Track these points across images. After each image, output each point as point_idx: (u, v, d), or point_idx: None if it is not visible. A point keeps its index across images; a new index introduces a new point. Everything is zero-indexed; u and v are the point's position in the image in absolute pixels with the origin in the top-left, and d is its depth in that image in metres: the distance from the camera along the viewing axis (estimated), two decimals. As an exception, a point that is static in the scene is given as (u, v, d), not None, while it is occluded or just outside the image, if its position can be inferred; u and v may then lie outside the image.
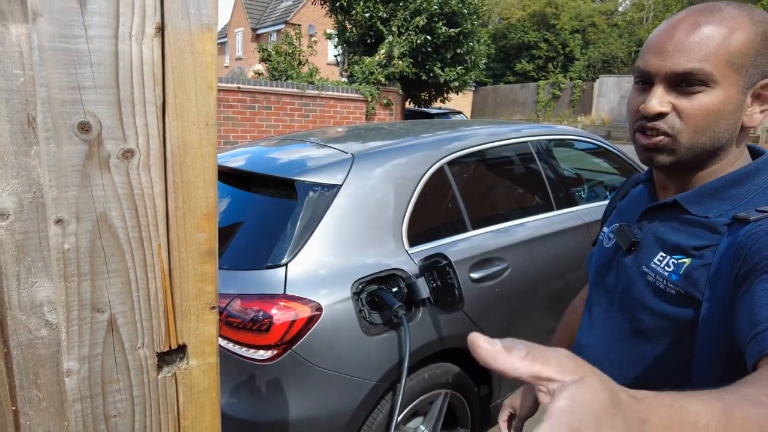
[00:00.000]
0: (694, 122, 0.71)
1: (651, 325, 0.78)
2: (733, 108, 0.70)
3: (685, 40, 0.70)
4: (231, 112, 6.70)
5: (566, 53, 24.30)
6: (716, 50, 0.68)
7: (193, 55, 0.45)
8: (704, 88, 0.70)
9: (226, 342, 1.57)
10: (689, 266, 0.73)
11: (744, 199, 0.72)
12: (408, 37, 8.28)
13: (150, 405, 0.50)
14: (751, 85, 0.70)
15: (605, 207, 1.08)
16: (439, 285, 1.64)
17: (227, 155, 2.22)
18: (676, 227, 0.77)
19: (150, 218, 0.46)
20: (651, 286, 0.78)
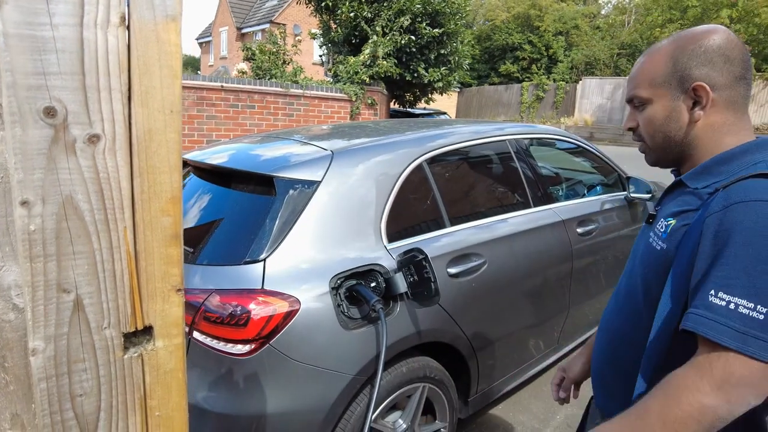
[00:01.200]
0: (646, 130, 0.97)
1: (642, 275, 0.97)
2: (668, 113, 0.93)
3: (630, 76, 1.00)
4: (214, 111, 6.67)
5: (550, 55, 24.58)
6: (642, 76, 0.95)
7: (159, 45, 0.47)
8: (646, 105, 0.96)
9: (204, 336, 1.58)
10: (674, 226, 0.90)
11: (731, 173, 0.86)
12: (392, 37, 8.31)
13: (116, 385, 0.51)
14: (683, 93, 0.91)
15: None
16: (416, 279, 1.67)
17: (208, 152, 2.22)
18: (677, 198, 0.95)
19: (116, 201, 0.47)
20: (648, 246, 0.96)
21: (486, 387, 2.23)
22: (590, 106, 20.54)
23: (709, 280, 0.76)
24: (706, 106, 0.89)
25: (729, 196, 0.79)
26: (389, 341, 1.67)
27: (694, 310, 0.77)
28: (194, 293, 1.62)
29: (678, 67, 0.90)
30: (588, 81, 20.90)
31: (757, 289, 0.72)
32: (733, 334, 0.72)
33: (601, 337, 1.11)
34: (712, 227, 0.79)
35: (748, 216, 0.75)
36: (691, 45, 0.89)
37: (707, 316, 0.74)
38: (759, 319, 0.72)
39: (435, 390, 1.95)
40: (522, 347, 2.40)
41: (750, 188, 0.78)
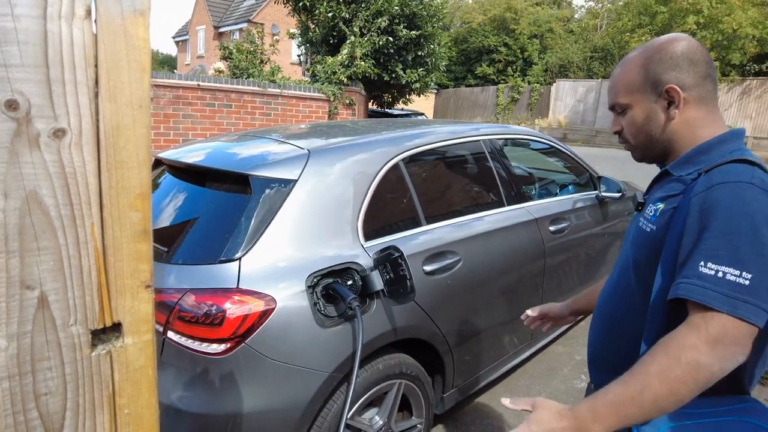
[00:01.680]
0: (630, 132, 1.08)
1: (634, 256, 1.05)
2: (646, 115, 1.04)
3: (609, 85, 1.11)
4: (190, 110, 6.57)
5: (525, 57, 24.91)
6: (620, 86, 1.07)
7: (126, 39, 0.46)
8: (627, 110, 1.07)
9: (179, 336, 1.56)
10: (662, 210, 0.99)
11: (710, 161, 0.96)
12: (370, 38, 8.32)
13: (83, 383, 0.50)
14: (657, 95, 1.01)
15: None
16: (392, 277, 1.68)
17: (183, 150, 2.20)
18: (664, 186, 1.04)
19: (83, 197, 0.47)
20: (639, 229, 1.05)
21: (462, 382, 2.26)
22: (564, 108, 20.90)
23: (697, 252, 0.84)
24: (679, 105, 0.99)
25: (711, 178, 0.89)
26: (365, 339, 1.68)
27: (685, 279, 0.84)
28: (169, 293, 1.60)
29: (650, 74, 1.01)
30: (562, 83, 21.26)
31: (741, 259, 0.80)
32: (724, 299, 0.79)
33: (598, 322, 1.17)
34: (696, 206, 0.88)
35: (729, 194, 0.85)
36: (657, 54, 1.00)
37: (698, 284, 0.82)
38: (745, 285, 0.79)
39: (411, 386, 1.96)
40: (497, 343, 2.44)
41: (729, 171, 0.88)
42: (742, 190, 0.85)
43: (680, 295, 0.83)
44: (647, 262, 0.99)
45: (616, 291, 1.12)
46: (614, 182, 3.10)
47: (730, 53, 15.58)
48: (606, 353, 1.13)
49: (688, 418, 0.85)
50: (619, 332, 1.08)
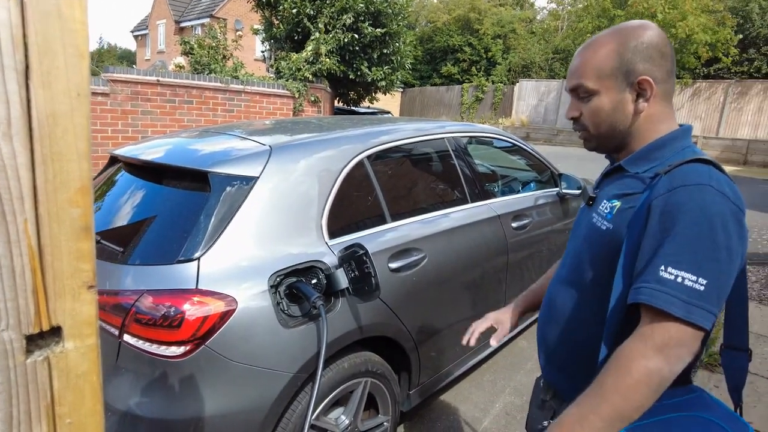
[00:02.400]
0: (591, 120, 1.02)
1: (588, 254, 1.04)
2: (614, 105, 0.99)
3: (573, 67, 1.03)
4: (150, 106, 6.36)
5: (489, 57, 25.28)
6: (590, 69, 0.99)
7: (61, 21, 0.43)
8: (592, 96, 1.00)
9: (136, 339, 1.50)
10: (619, 208, 0.98)
11: (665, 158, 0.97)
12: (335, 35, 8.26)
13: (17, 392, 0.47)
14: (628, 84, 0.97)
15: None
16: (357, 275, 1.66)
17: (141, 147, 2.12)
18: (618, 182, 1.03)
19: (14, 191, 0.44)
20: (592, 225, 1.03)
21: (427, 379, 2.27)
22: (526, 108, 21.34)
23: (659, 256, 0.84)
24: (650, 98, 0.97)
25: (672, 180, 0.88)
26: (330, 338, 1.66)
27: (645, 284, 0.84)
28: (125, 294, 1.54)
29: (624, 62, 0.96)
30: (524, 83, 21.69)
31: (699, 264, 0.81)
32: (681, 304, 0.80)
33: (549, 319, 1.15)
34: (658, 209, 0.87)
35: (689, 198, 0.84)
36: (632, 41, 0.96)
37: (660, 290, 0.82)
38: (700, 290, 0.81)
39: (377, 384, 1.96)
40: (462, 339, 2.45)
41: (689, 173, 0.88)
42: (701, 193, 0.85)
43: (642, 300, 0.83)
44: (602, 260, 0.99)
45: (568, 288, 1.09)
46: (574, 179, 3.17)
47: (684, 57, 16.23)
48: (561, 353, 1.11)
49: (640, 417, 0.86)
50: (573, 330, 1.07)
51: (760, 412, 2.52)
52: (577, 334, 1.05)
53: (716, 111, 17.17)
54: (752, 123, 16.53)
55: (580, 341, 1.04)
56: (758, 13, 17.38)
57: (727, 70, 17.56)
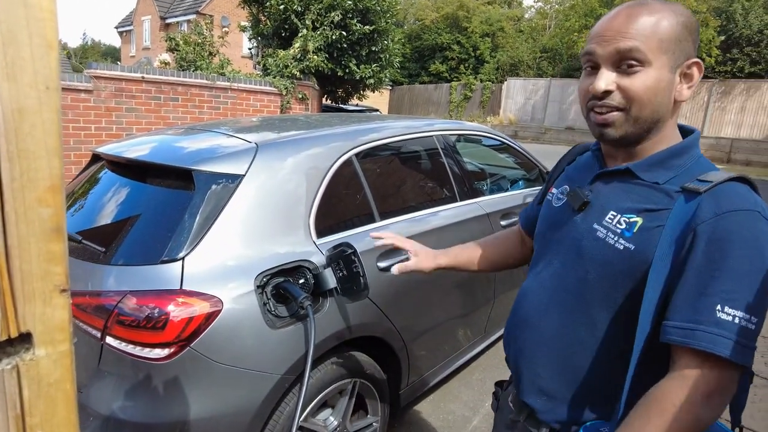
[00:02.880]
0: (638, 97, 0.82)
1: (596, 274, 0.88)
2: (666, 84, 0.83)
3: (623, 26, 0.82)
4: (134, 103, 6.26)
5: (477, 56, 25.35)
6: (649, 34, 0.81)
7: (26, 10, 0.41)
8: (641, 68, 0.82)
9: (119, 342, 1.47)
10: (642, 225, 0.83)
11: (683, 167, 0.86)
12: (323, 32, 8.21)
13: (-15, 402, 0.44)
14: (677, 65, 0.83)
15: (552, 170, 1.17)
16: (345, 274, 1.64)
17: (124, 145, 2.07)
18: (626, 190, 0.88)
19: (-23, 190, 0.41)
20: (600, 242, 0.88)
21: (417, 378, 2.26)
22: (514, 106, 21.44)
23: (714, 294, 0.74)
24: (693, 86, 0.85)
25: (717, 203, 0.78)
26: (318, 338, 1.64)
27: (702, 327, 0.74)
28: (107, 295, 1.50)
29: (681, 38, 0.82)
30: (512, 81, 21.79)
31: (753, 301, 0.74)
32: (739, 348, 0.73)
33: (530, 336, 0.99)
34: (704, 235, 0.76)
35: (742, 227, 0.76)
36: (684, 17, 0.83)
37: (720, 334, 0.73)
38: (751, 329, 0.74)
39: (366, 385, 1.94)
40: (451, 337, 2.45)
41: (735, 196, 0.78)
42: (753, 222, 0.76)
43: (702, 347, 0.73)
44: (618, 283, 0.85)
45: (561, 307, 0.94)
46: (563, 177, 3.18)
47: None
48: (548, 376, 0.96)
49: None
50: (568, 356, 0.92)
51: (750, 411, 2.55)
52: (573, 360, 0.92)
53: (700, 110, 17.41)
54: (735, 122, 16.79)
55: (577, 367, 0.91)
56: (741, 13, 17.64)
57: (711, 69, 17.80)
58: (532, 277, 1.03)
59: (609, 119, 0.85)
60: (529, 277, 1.05)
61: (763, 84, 16.35)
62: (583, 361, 0.91)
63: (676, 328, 0.76)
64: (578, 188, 0.95)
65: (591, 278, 0.89)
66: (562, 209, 0.98)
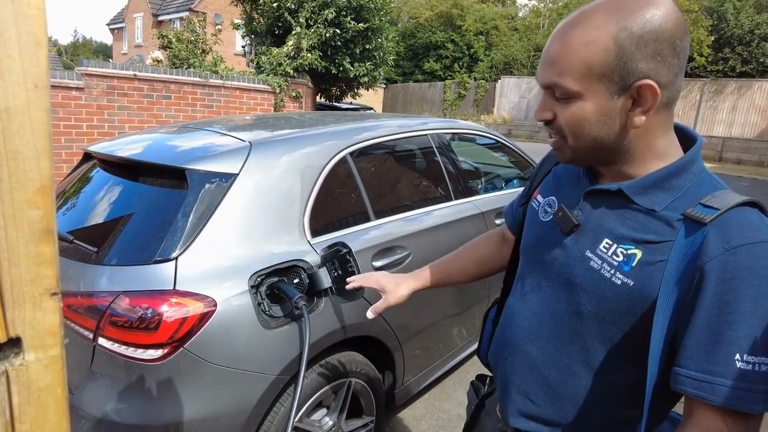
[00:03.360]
0: (569, 128, 0.77)
1: (591, 308, 0.80)
2: (601, 115, 0.74)
3: (551, 53, 0.75)
4: (126, 101, 6.21)
5: (471, 54, 25.37)
6: (570, 61, 0.72)
7: (14, 6, 0.40)
8: (573, 98, 0.74)
9: (111, 343, 1.45)
10: (642, 259, 0.75)
11: (683, 189, 0.76)
12: (317, 29, 8.18)
13: (-27, 409, 0.43)
14: (623, 90, 0.72)
15: (536, 168, 1.08)
16: (341, 274, 1.63)
17: (116, 143, 2.05)
18: (622, 215, 0.79)
19: (-35, 192, 0.40)
20: (595, 273, 0.79)
21: (412, 378, 2.25)
22: (508, 105, 21.48)
23: (729, 342, 0.67)
24: (650, 109, 0.73)
25: (726, 236, 0.69)
26: (313, 338, 1.63)
27: (720, 379, 0.67)
28: (100, 296, 1.48)
29: (623, 58, 0.70)
30: (506, 80, 21.83)
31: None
32: (764, 398, 0.66)
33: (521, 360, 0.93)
34: (714, 274, 0.68)
35: (757, 262, 0.67)
36: (638, 27, 0.69)
37: (742, 387, 0.66)
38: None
39: (361, 384, 1.93)
40: (446, 337, 2.45)
41: (744, 226, 0.70)
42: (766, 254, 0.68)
43: (722, 404, 0.67)
44: (614, 321, 0.79)
45: (553, 340, 0.88)
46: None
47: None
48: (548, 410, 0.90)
49: None
50: (566, 390, 0.87)
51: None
52: (567, 391, 0.86)
53: (693, 109, 17.53)
54: (727, 121, 16.92)
55: (571, 398, 0.86)
56: (732, 13, 17.77)
57: (703, 69, 17.92)
58: (519, 296, 0.96)
59: (555, 144, 0.82)
60: (516, 294, 0.98)
61: (755, 83, 16.48)
62: (578, 393, 0.85)
63: (690, 378, 0.69)
64: (567, 208, 0.86)
65: (585, 312, 0.82)
66: (550, 226, 0.90)
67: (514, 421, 0.95)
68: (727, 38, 17.97)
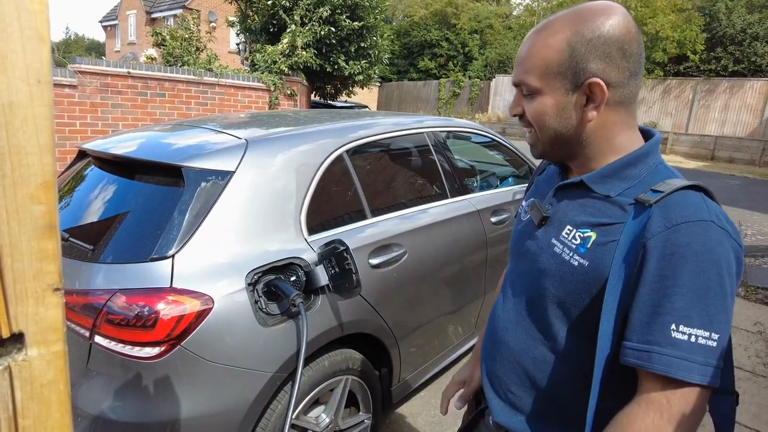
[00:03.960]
0: (534, 121, 0.87)
1: (554, 292, 0.86)
2: (559, 109, 0.84)
3: (520, 55, 0.86)
4: (120, 99, 6.18)
5: (465, 53, 25.39)
6: (533, 61, 0.83)
7: (17, 1, 0.40)
8: (536, 94, 0.84)
9: (108, 341, 1.45)
10: (595, 240, 0.81)
11: (638, 178, 0.83)
12: (311, 27, 8.16)
13: (-24, 404, 0.43)
14: (577, 86, 0.81)
15: (528, 183, 1.16)
16: (338, 271, 1.64)
17: (111, 141, 2.04)
18: (583, 204, 0.86)
19: (-33, 187, 0.40)
20: (557, 257, 0.86)
21: (408, 375, 2.26)
22: (503, 103, 21.53)
23: (666, 313, 0.71)
24: (600, 105, 0.81)
25: (668, 215, 0.74)
26: (310, 336, 1.63)
27: (657, 348, 0.71)
28: (96, 294, 1.48)
29: (575, 58, 0.80)
30: (501, 79, 21.88)
31: (710, 317, 0.70)
32: (699, 368, 0.69)
33: (501, 352, 0.98)
34: (656, 251, 0.73)
35: (694, 239, 0.72)
36: (589, 32, 0.79)
37: (675, 355, 0.70)
38: (713, 347, 0.70)
39: (358, 382, 1.94)
40: (442, 334, 2.46)
41: (687, 205, 0.75)
42: (706, 231, 0.72)
43: (656, 370, 0.71)
44: (574, 301, 0.84)
45: (525, 326, 0.93)
46: (552, 174, 3.19)
47: (654, 53, 16.62)
48: (518, 395, 0.95)
49: None
50: (538, 376, 0.91)
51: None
52: (539, 378, 0.91)
53: (686, 108, 17.64)
54: (719, 120, 17.04)
55: (544, 385, 0.90)
56: (725, 13, 17.89)
57: (696, 68, 18.03)
58: (502, 292, 1.04)
59: (530, 140, 0.90)
60: (501, 292, 1.05)
61: (746, 82, 16.61)
62: (548, 379, 0.89)
63: (632, 349, 0.74)
64: (539, 202, 0.94)
65: (550, 296, 0.87)
66: (528, 223, 0.98)
67: (499, 417, 0.98)
68: (719, 38, 18.09)
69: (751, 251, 5.55)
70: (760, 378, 2.96)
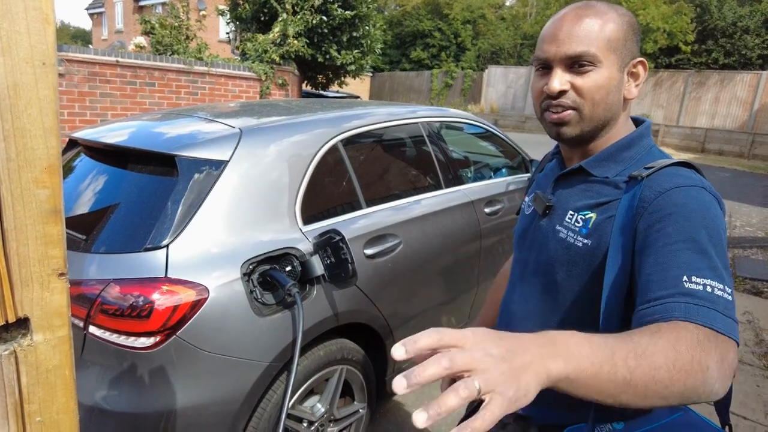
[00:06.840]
0: (589, 95, 0.85)
1: (564, 276, 0.89)
2: (616, 83, 0.86)
3: (572, 29, 0.85)
4: (109, 88, 6.09)
5: (458, 43, 25.31)
6: (597, 36, 0.84)
7: (22, -20, 0.39)
8: (593, 67, 0.84)
9: (102, 331, 1.44)
10: (596, 220, 0.85)
11: (633, 159, 0.88)
12: (303, 16, 8.08)
13: (-18, 389, 0.43)
14: (625, 65, 0.86)
15: (528, 181, 1.19)
16: (333, 261, 1.64)
17: (102, 130, 2.02)
18: (583, 189, 0.90)
19: (-28, 170, 0.39)
20: (564, 242, 0.89)
21: (403, 365, 2.27)
22: (495, 94, 21.53)
23: (673, 267, 0.69)
24: (640, 84, 0.88)
25: (660, 183, 0.77)
26: (306, 326, 1.63)
27: (670, 299, 0.66)
28: (90, 284, 1.47)
29: (627, 37, 0.85)
30: (493, 69, 21.85)
31: (719, 271, 0.68)
32: (722, 318, 0.63)
33: None
34: (652, 216, 0.75)
35: (689, 199, 0.74)
36: (630, 17, 0.87)
37: (693, 303, 0.65)
38: (730, 300, 0.66)
39: (353, 371, 1.95)
40: (436, 324, 2.47)
41: (677, 175, 0.78)
42: (700, 193, 0.75)
43: (675, 317, 0.63)
44: (584, 284, 0.85)
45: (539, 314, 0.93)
46: (545, 165, 3.21)
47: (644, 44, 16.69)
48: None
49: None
50: None
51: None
52: None
53: (677, 100, 17.76)
54: (709, 112, 17.18)
55: None
56: (716, 5, 17.97)
57: (687, 60, 18.13)
58: (511, 285, 1.05)
59: (564, 118, 0.87)
60: (509, 285, 1.07)
61: (737, 75, 16.74)
62: None
63: (646, 310, 0.68)
64: (542, 193, 0.97)
65: (560, 280, 0.89)
66: (532, 216, 1.01)
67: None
68: (710, 30, 18.18)
69: (739, 242, 5.63)
70: (747, 366, 3.02)
